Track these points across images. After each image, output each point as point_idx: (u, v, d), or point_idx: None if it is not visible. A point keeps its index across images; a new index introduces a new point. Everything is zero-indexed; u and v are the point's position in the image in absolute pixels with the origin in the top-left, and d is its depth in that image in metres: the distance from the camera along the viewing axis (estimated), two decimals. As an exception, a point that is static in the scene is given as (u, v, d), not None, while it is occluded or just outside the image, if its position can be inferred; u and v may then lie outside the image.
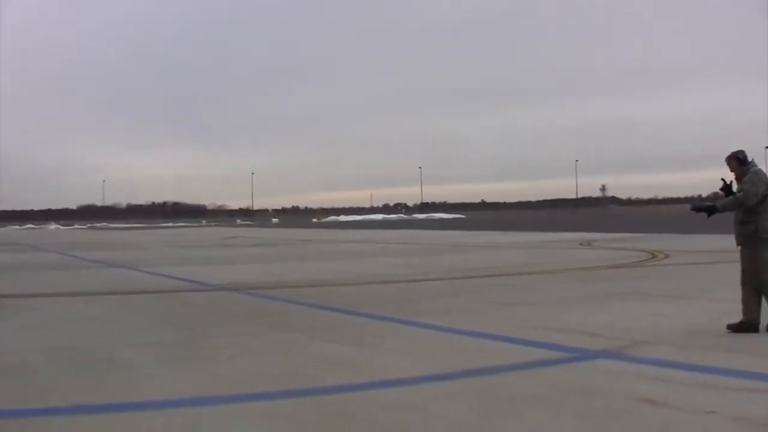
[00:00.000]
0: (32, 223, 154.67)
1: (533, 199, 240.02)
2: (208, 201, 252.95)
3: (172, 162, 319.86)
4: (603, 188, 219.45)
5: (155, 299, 15.35)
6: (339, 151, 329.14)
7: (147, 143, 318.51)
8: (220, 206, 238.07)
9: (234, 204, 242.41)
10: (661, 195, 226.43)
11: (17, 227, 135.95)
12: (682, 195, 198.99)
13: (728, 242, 10.45)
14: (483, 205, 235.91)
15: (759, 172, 9.32)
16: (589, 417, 5.73)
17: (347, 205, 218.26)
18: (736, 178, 9.49)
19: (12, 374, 7.73)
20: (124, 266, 25.19)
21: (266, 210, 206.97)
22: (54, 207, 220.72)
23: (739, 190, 9.32)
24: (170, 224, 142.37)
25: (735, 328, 9.33)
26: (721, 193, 9.68)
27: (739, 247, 9.56)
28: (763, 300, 9.27)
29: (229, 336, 10.18)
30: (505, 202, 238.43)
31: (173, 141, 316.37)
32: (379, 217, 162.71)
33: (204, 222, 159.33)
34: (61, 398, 6.61)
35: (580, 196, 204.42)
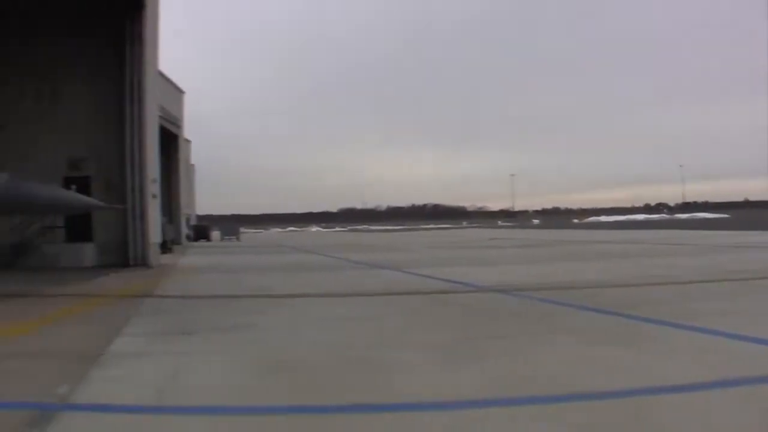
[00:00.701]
0: (294, 226, 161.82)
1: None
2: (469, 202, 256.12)
3: (432, 163, 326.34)
4: None
5: (422, 300, 15.16)
6: (599, 149, 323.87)
7: (407, 145, 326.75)
8: (480, 207, 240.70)
9: (494, 205, 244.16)
10: None
11: (279, 230, 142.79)
12: None
13: None
14: (747, 204, 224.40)
15: None
16: None
17: (607, 206, 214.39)
18: None
19: (291, 371, 7.82)
20: (387, 267, 25.30)
21: (526, 211, 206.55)
22: (315, 210, 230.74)
23: None
24: (431, 226, 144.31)
25: None
26: None
27: None
28: None
29: (499, 338, 9.87)
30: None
31: (434, 142, 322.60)
32: (640, 217, 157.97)
33: (465, 223, 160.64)
34: (337, 396, 6.63)
35: None
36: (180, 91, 60.08)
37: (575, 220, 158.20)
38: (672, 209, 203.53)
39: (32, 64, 29.06)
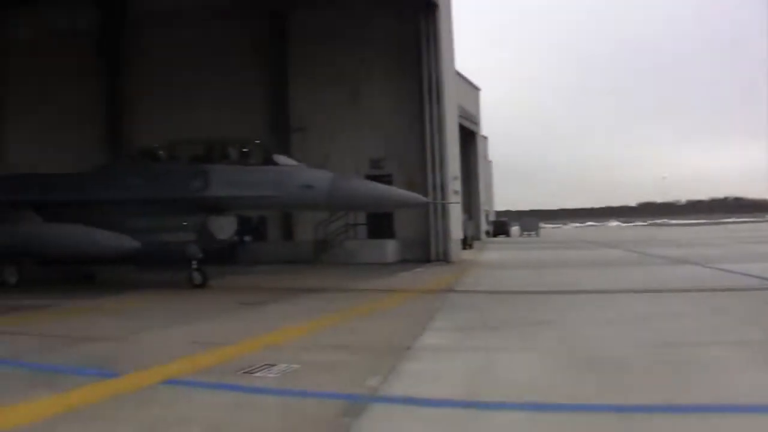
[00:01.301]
0: (592, 221, 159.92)
1: None
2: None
3: (735, 155, 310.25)
4: None
5: (733, 297, 14.26)
6: None
7: (710, 136, 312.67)
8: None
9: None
10: None
11: (577, 225, 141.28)
12: None
13: None
14: None
15: None
16: None
17: None
18: None
19: (599, 368, 7.50)
20: (691, 263, 24.10)
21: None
22: (613, 204, 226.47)
23: None
24: (731, 220, 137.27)
25: None
26: None
27: None
28: None
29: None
30: None
31: (738, 132, 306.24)
32: None
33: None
34: (650, 395, 6.22)
35: None
36: (476, 88, 60.68)
37: None
38: None
39: (333, 68, 30.38)
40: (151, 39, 34.19)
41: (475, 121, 59.10)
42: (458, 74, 40.22)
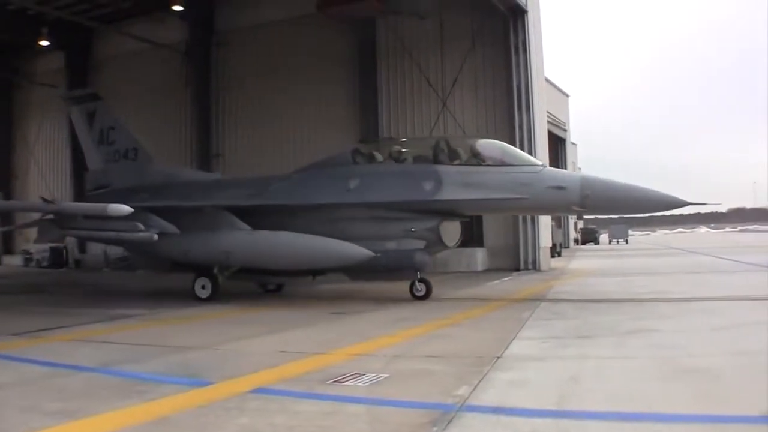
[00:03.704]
0: (681, 227, 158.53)
1: None
2: None
3: None
4: None
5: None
6: None
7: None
8: None
9: None
10: None
11: (666, 232, 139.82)
12: None
13: None
14: None
15: None
16: None
17: None
18: None
19: (694, 378, 7.32)
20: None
21: None
22: (702, 210, 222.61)
23: None
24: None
25: None
26: None
27: None
28: None
29: None
30: None
31: None
32: None
33: None
34: (747, 406, 6.06)
35: None
36: (565, 95, 60.04)
37: None
38: None
39: (419, 77, 30.78)
40: (235, 52, 35.77)
41: (564, 127, 58.52)
42: (547, 80, 39.89)
